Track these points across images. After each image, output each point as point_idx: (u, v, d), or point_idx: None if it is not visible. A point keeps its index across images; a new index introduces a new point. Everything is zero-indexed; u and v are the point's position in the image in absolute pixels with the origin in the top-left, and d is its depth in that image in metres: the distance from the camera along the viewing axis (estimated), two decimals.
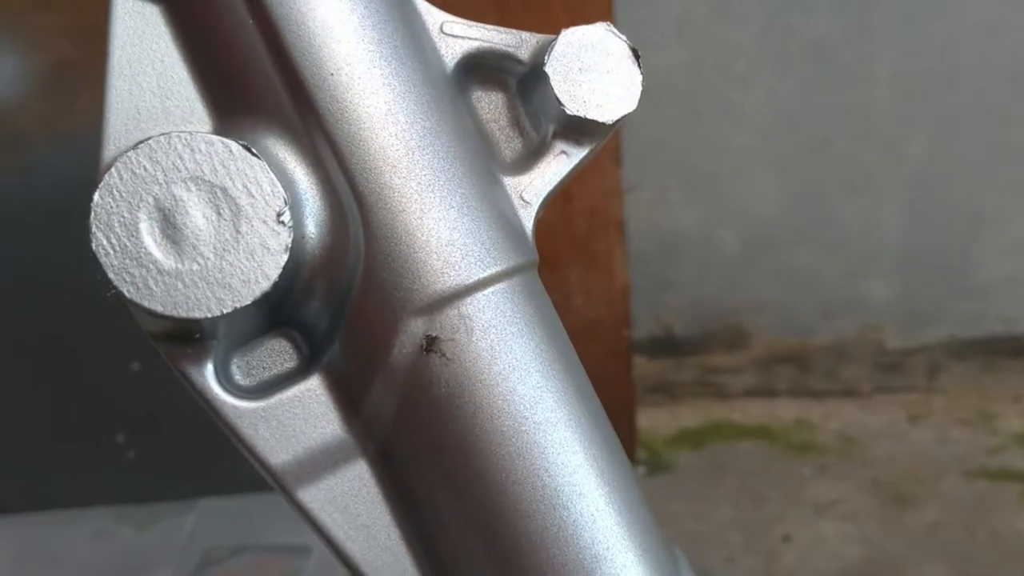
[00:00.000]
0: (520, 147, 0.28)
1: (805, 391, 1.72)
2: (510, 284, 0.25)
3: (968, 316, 1.69)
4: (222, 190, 0.23)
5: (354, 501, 0.25)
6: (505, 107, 0.28)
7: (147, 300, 0.23)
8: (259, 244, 0.23)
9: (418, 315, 0.24)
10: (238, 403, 0.25)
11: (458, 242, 0.25)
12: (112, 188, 0.23)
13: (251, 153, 0.23)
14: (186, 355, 0.24)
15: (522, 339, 0.25)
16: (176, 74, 0.25)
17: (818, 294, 1.68)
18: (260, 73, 0.25)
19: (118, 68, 0.25)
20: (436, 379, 0.24)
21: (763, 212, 1.64)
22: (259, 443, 0.25)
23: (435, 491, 0.25)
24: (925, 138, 1.58)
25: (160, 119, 0.25)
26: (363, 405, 0.25)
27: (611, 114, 0.27)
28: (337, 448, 0.25)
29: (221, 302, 0.23)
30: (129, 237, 0.23)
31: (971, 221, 1.64)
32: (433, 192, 0.25)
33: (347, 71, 0.24)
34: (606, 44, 0.27)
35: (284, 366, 0.26)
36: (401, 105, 0.25)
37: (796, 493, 1.51)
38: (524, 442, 0.24)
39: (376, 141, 0.24)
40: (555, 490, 0.25)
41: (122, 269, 0.23)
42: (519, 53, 0.28)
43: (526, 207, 0.27)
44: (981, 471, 1.53)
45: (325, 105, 0.24)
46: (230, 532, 1.41)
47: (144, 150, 0.23)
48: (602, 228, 1.43)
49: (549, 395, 0.25)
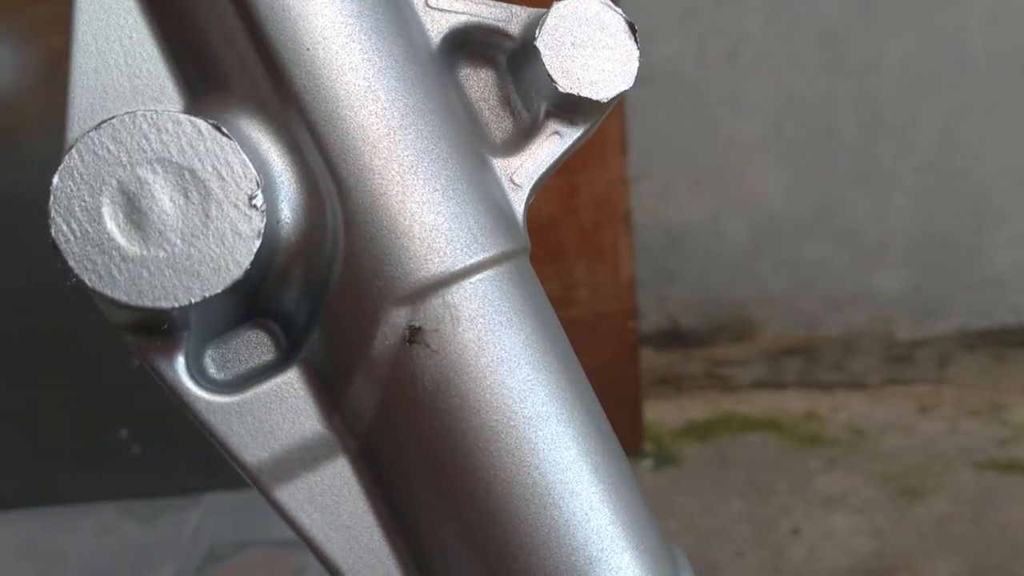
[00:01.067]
0: (511, 127, 0.27)
1: (813, 383, 1.71)
2: (499, 271, 0.24)
3: (978, 307, 1.67)
4: (190, 172, 0.22)
5: (334, 500, 0.24)
6: (495, 85, 0.27)
7: (110, 289, 0.21)
8: (230, 229, 0.22)
9: (401, 304, 0.23)
10: (211, 398, 0.23)
11: (443, 227, 0.23)
12: (72, 170, 0.22)
13: (221, 133, 0.22)
14: (155, 347, 0.23)
15: (511, 329, 0.24)
16: (145, 51, 0.24)
17: (826, 286, 1.66)
18: (233, 49, 0.23)
19: (83, 44, 0.24)
20: (420, 372, 0.23)
21: (770, 203, 1.62)
22: (233, 440, 0.23)
23: (420, 489, 0.24)
24: (934, 128, 1.56)
25: (128, 98, 0.24)
26: (344, 399, 0.24)
27: (606, 91, 0.26)
28: (316, 444, 0.24)
29: (189, 291, 0.22)
30: (91, 222, 0.21)
31: (980, 212, 1.62)
32: (416, 174, 0.23)
33: (324, 46, 0.23)
34: (601, 17, 0.26)
35: (261, 358, 0.25)
36: (382, 82, 0.23)
37: (804, 486, 1.49)
38: (513, 438, 0.23)
39: (355, 120, 0.23)
40: (546, 488, 0.23)
41: (83, 256, 0.21)
42: (509, 28, 0.26)
43: (517, 190, 0.26)
44: (991, 463, 1.51)
45: (301, 82, 0.23)
46: (235, 527, 1.40)
47: (107, 130, 0.22)
48: (608, 220, 1.42)
49: (540, 388, 0.24)
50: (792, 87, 1.54)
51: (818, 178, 1.60)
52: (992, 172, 1.59)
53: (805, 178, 1.60)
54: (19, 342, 1.45)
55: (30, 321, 1.43)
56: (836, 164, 1.59)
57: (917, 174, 1.59)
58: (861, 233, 1.63)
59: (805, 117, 1.56)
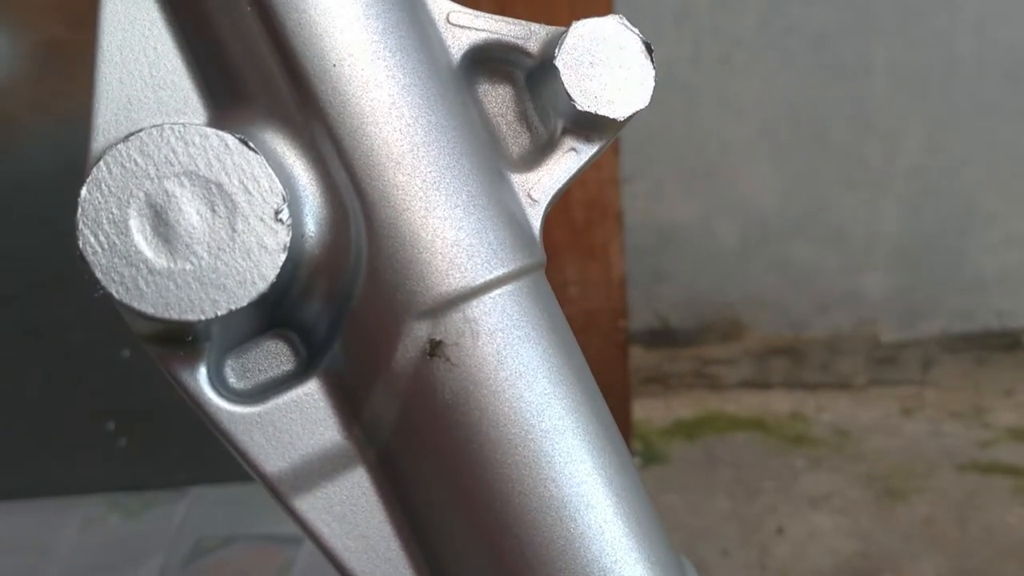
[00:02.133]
0: (528, 143, 0.27)
1: (799, 383, 1.72)
2: (517, 286, 0.24)
3: (962, 310, 1.69)
4: (217, 186, 0.22)
5: (352, 510, 0.24)
6: (512, 101, 0.27)
7: (137, 302, 0.22)
8: (256, 243, 0.22)
9: (422, 318, 0.23)
10: (232, 408, 0.24)
11: (464, 242, 0.24)
12: (101, 183, 0.22)
13: (248, 147, 0.22)
14: (178, 358, 0.23)
15: (529, 343, 0.24)
16: (169, 62, 0.24)
17: (814, 287, 1.68)
18: (259, 63, 0.23)
19: (108, 55, 0.24)
20: (440, 384, 0.23)
21: (761, 204, 1.63)
22: (254, 450, 0.24)
23: (437, 500, 0.24)
24: (922, 132, 1.58)
25: (152, 110, 0.24)
26: (363, 410, 0.24)
27: (623, 110, 0.26)
28: (335, 455, 0.24)
29: (215, 304, 0.22)
30: (118, 235, 0.22)
31: (966, 215, 1.63)
32: (439, 190, 0.24)
33: (350, 62, 0.23)
34: (619, 38, 0.26)
35: (281, 369, 0.25)
36: (406, 98, 0.24)
37: (790, 485, 1.51)
38: (531, 451, 0.24)
39: (380, 136, 0.23)
40: (562, 501, 0.24)
41: (111, 269, 0.22)
42: (528, 45, 0.26)
43: (534, 206, 0.26)
44: (973, 465, 1.54)
45: (326, 97, 0.23)
46: (222, 521, 1.40)
47: (135, 143, 0.22)
48: (600, 219, 1.42)
49: (557, 402, 0.24)
50: (784, 90, 1.55)
51: (808, 180, 1.61)
52: (978, 177, 1.60)
53: (796, 180, 1.61)
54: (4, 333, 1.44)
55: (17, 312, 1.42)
56: (826, 167, 1.60)
57: (905, 177, 1.60)
58: (849, 235, 1.64)
59: (797, 120, 1.57)
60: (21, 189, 1.37)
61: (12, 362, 1.46)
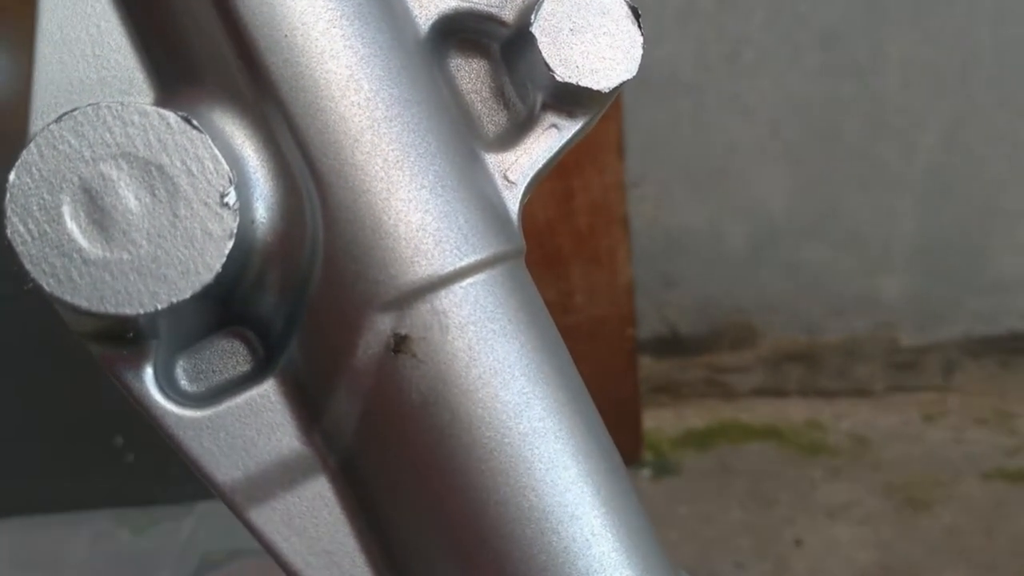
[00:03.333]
0: (505, 120, 0.25)
1: (815, 391, 1.69)
2: (491, 275, 0.22)
3: (984, 313, 1.65)
4: (157, 168, 0.20)
5: (314, 523, 0.22)
6: (488, 76, 0.25)
7: (70, 294, 0.20)
8: (200, 229, 0.20)
9: (385, 310, 0.21)
10: (181, 412, 0.22)
11: (430, 226, 0.22)
12: (30, 166, 0.20)
13: (191, 125, 0.20)
14: (120, 357, 0.21)
15: (505, 338, 0.22)
16: (113, 40, 0.23)
17: (829, 291, 1.64)
18: (206, 37, 0.22)
19: (48, 33, 0.22)
20: (406, 383, 0.21)
21: (771, 207, 1.60)
22: (205, 457, 0.22)
23: (406, 512, 0.22)
24: (938, 130, 1.55)
25: (95, 90, 0.22)
26: (324, 414, 0.22)
27: (607, 81, 0.24)
28: (294, 462, 0.22)
29: (155, 296, 0.20)
30: (49, 222, 0.20)
31: (986, 216, 1.60)
32: (402, 170, 0.22)
33: (303, 32, 0.21)
34: (601, 1, 0.24)
35: (236, 369, 0.23)
36: (365, 71, 0.22)
37: (807, 496, 1.47)
38: (508, 456, 0.21)
39: (336, 111, 0.21)
40: (544, 511, 0.21)
41: (41, 258, 0.20)
42: (502, 14, 0.24)
43: (511, 188, 0.24)
44: (999, 472, 1.50)
45: (278, 71, 0.21)
46: (228, 536, 1.39)
47: (68, 122, 0.20)
48: (605, 224, 1.40)
49: (537, 402, 0.22)
50: (793, 89, 1.52)
51: (820, 181, 1.59)
52: (999, 175, 1.57)
53: (807, 181, 1.59)
54: (13, 348, 1.44)
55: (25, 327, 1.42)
56: (839, 167, 1.57)
57: (922, 177, 1.57)
58: (864, 237, 1.61)
59: (807, 119, 1.55)
60: None
61: (20, 377, 1.46)
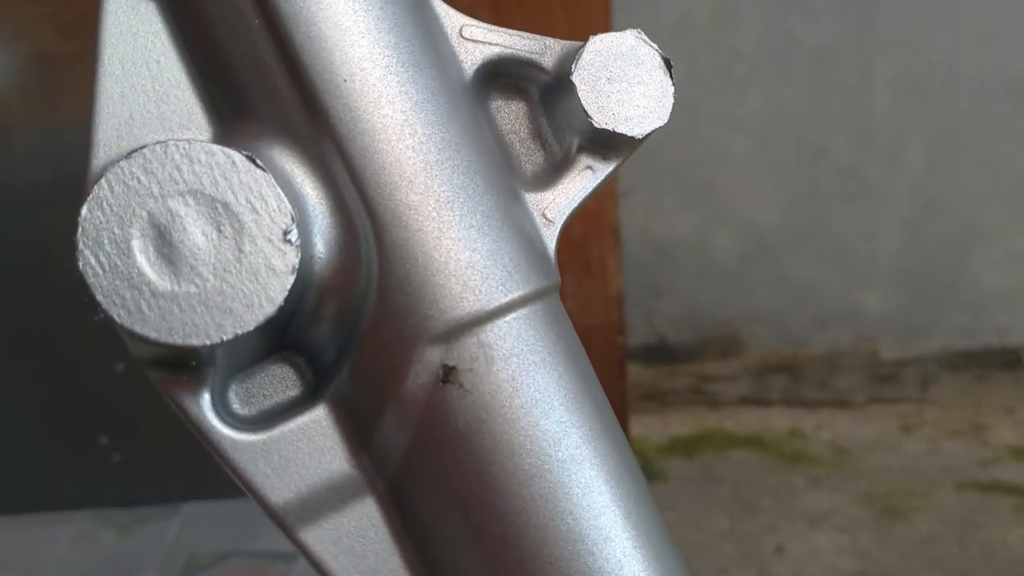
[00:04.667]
0: (541, 161, 0.26)
1: (798, 401, 1.71)
2: (532, 309, 0.24)
3: (962, 328, 1.68)
4: (223, 205, 0.21)
5: (361, 542, 0.23)
6: (526, 118, 0.26)
7: (140, 326, 0.21)
8: (263, 265, 0.21)
9: (435, 343, 0.22)
10: (237, 436, 0.23)
11: (478, 264, 0.23)
12: (102, 201, 0.21)
13: (255, 165, 0.21)
14: (180, 383, 0.22)
15: (545, 369, 0.23)
16: (173, 76, 0.23)
17: (813, 303, 1.67)
18: (266, 77, 0.23)
19: (109, 69, 0.23)
20: (453, 412, 0.22)
21: (760, 220, 1.63)
22: (259, 479, 0.23)
23: (450, 533, 0.23)
24: (923, 148, 1.58)
25: (155, 125, 0.23)
26: (373, 438, 0.23)
27: (641, 128, 0.25)
28: (344, 485, 0.23)
29: (221, 328, 0.21)
30: (120, 256, 0.21)
31: (967, 232, 1.63)
32: (452, 210, 0.23)
33: (361, 77, 0.22)
34: (636, 53, 0.25)
35: (287, 394, 0.24)
36: (419, 115, 0.23)
37: (789, 503, 1.49)
38: (547, 482, 0.23)
39: (392, 154, 0.22)
40: (580, 534, 0.23)
41: (112, 291, 0.21)
42: (543, 60, 0.26)
43: (549, 226, 0.25)
44: (973, 484, 1.53)
45: (337, 114, 0.22)
46: (215, 538, 1.38)
47: (137, 160, 0.21)
48: (597, 234, 1.42)
49: (574, 430, 0.23)
50: (784, 104, 1.55)
51: (808, 195, 1.61)
52: (980, 193, 1.60)
53: (795, 196, 1.61)
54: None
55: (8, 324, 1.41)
56: (826, 181, 1.60)
57: (906, 193, 1.60)
58: (849, 251, 1.64)
59: (796, 134, 1.57)
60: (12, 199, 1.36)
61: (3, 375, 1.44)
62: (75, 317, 1.27)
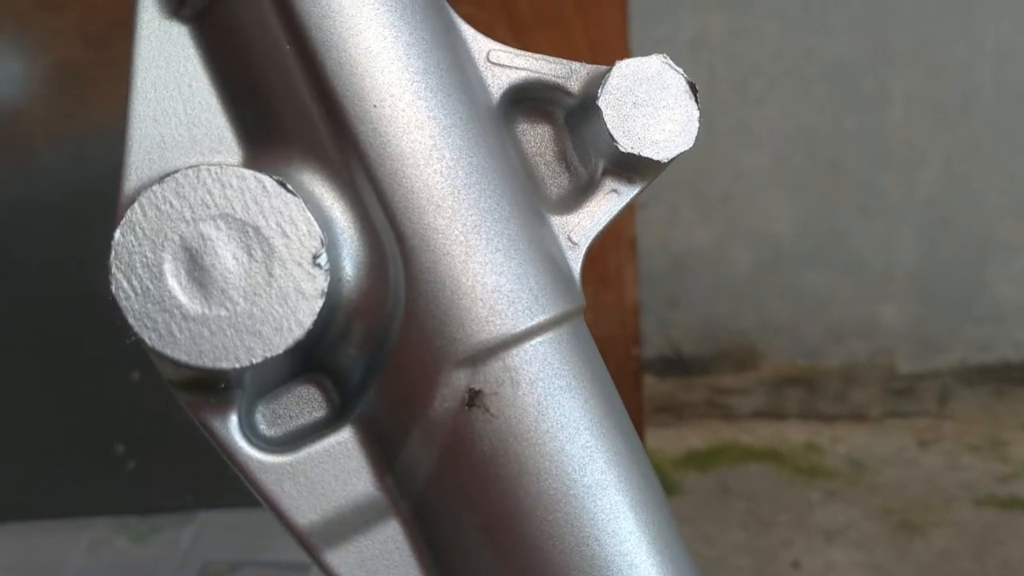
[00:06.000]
0: (567, 184, 0.26)
1: (814, 414, 1.70)
2: (558, 333, 0.24)
3: (979, 342, 1.67)
4: (254, 229, 0.21)
5: (386, 565, 0.23)
6: (551, 140, 0.26)
7: (170, 348, 0.21)
8: (293, 288, 0.21)
9: (461, 366, 0.22)
10: (263, 457, 0.23)
11: (505, 288, 0.23)
12: (135, 225, 0.21)
13: (286, 190, 0.21)
14: (209, 405, 0.22)
15: (571, 394, 0.23)
16: (204, 100, 0.24)
17: (829, 317, 1.66)
18: (296, 102, 0.23)
19: (142, 92, 0.24)
20: (479, 436, 0.22)
21: (776, 233, 1.62)
22: (285, 501, 0.23)
23: (474, 557, 0.23)
24: (939, 162, 1.57)
25: (187, 149, 0.24)
26: (398, 461, 0.23)
27: (667, 152, 0.25)
28: (368, 507, 0.23)
29: (251, 351, 0.21)
30: (152, 279, 0.21)
31: (984, 246, 1.62)
32: (479, 234, 0.23)
33: (391, 103, 0.23)
34: (662, 77, 0.26)
35: (312, 415, 0.24)
36: (447, 140, 0.23)
37: (805, 518, 1.48)
38: (573, 508, 0.23)
39: (420, 179, 0.23)
40: (605, 560, 0.23)
41: (144, 314, 0.21)
42: (569, 85, 0.26)
43: (574, 249, 0.25)
44: (991, 499, 1.51)
45: (366, 139, 0.22)
46: (229, 546, 1.39)
47: (170, 184, 0.21)
48: (613, 245, 1.41)
49: (599, 455, 0.23)
50: (800, 118, 1.54)
51: (824, 209, 1.61)
52: (996, 207, 1.59)
53: (811, 209, 1.61)
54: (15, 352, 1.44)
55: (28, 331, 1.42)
56: (842, 195, 1.60)
57: (922, 207, 1.60)
58: (865, 264, 1.63)
59: (812, 148, 1.57)
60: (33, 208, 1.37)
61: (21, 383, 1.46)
62: (92, 327, 1.28)
